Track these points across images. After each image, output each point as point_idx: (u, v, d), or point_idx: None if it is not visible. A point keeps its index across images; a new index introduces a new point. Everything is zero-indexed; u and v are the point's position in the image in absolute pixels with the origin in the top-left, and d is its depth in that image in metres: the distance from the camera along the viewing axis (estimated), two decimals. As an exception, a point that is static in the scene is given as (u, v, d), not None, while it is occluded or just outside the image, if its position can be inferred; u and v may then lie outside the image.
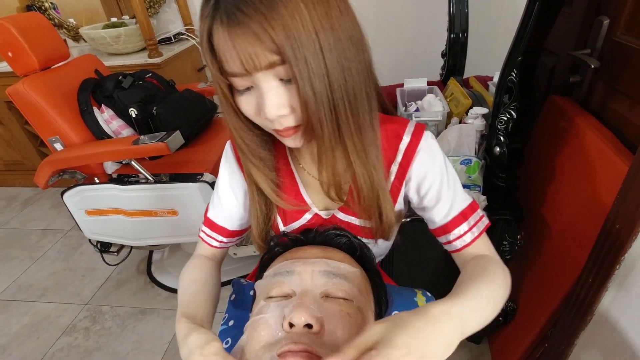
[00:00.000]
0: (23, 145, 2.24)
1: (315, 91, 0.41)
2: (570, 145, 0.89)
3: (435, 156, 0.55)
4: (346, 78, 0.42)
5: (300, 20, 0.38)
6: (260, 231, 0.60)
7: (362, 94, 0.45)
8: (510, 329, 1.11)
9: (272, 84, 0.42)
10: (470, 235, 0.55)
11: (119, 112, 1.37)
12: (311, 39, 0.39)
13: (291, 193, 0.60)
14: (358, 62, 0.44)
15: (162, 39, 2.06)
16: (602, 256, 0.66)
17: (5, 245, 1.98)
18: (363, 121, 0.46)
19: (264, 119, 0.45)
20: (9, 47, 1.21)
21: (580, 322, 0.73)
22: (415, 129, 0.55)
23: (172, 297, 1.58)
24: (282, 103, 0.43)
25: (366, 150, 0.48)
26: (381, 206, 0.54)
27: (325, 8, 0.40)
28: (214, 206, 0.65)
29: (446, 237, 0.56)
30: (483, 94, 1.22)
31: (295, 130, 0.46)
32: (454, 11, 1.29)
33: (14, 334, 1.49)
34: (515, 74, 0.86)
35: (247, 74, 0.41)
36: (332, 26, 0.40)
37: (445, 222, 0.55)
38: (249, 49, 0.39)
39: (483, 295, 0.45)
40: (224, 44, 0.40)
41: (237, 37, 0.39)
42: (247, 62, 0.40)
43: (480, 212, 0.56)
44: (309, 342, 0.38)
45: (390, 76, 1.50)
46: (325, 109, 0.42)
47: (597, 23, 0.84)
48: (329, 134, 0.44)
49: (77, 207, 1.39)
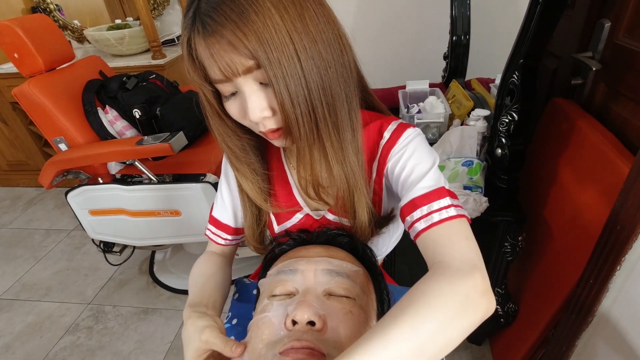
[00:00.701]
0: (27, 145, 2.26)
1: (291, 93, 0.42)
2: (572, 147, 0.89)
3: (411, 142, 0.53)
4: (323, 79, 0.43)
5: (272, 25, 0.39)
6: (253, 233, 0.61)
7: (340, 95, 0.46)
8: (512, 330, 1.11)
9: (253, 87, 0.43)
10: (423, 222, 0.45)
11: (123, 113, 1.39)
12: (284, 43, 0.40)
13: (283, 193, 0.60)
14: (336, 63, 0.44)
15: (165, 40, 2.07)
16: (603, 257, 0.66)
17: (10, 245, 2.00)
18: (341, 121, 0.47)
19: (249, 122, 0.46)
20: (15, 49, 1.22)
21: (581, 323, 0.73)
22: (398, 127, 0.54)
23: (174, 297, 1.59)
24: (263, 106, 0.44)
25: (344, 150, 0.49)
26: (355, 206, 0.54)
27: (298, 11, 0.40)
28: (218, 205, 0.66)
29: (406, 222, 0.48)
30: (485, 96, 1.22)
31: (280, 131, 0.47)
32: (456, 14, 1.30)
33: (18, 333, 1.50)
34: (517, 76, 0.86)
35: (228, 79, 0.43)
36: (306, 29, 0.41)
37: (405, 202, 0.49)
38: (225, 57, 0.40)
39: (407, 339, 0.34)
40: (203, 52, 0.42)
41: (213, 45, 0.40)
42: (225, 69, 0.41)
43: (450, 200, 0.46)
44: (312, 340, 0.39)
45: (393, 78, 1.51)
46: (302, 110, 0.43)
47: (599, 26, 0.85)
48: (306, 134, 0.45)
49: (80, 207, 1.40)
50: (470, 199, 0.92)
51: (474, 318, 0.37)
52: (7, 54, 1.24)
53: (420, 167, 0.50)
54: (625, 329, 0.64)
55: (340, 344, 0.40)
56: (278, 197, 0.61)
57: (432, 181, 0.49)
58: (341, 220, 0.59)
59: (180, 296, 1.58)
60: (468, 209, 0.93)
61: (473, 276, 0.39)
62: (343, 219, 0.59)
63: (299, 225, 0.62)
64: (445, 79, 1.45)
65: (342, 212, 0.57)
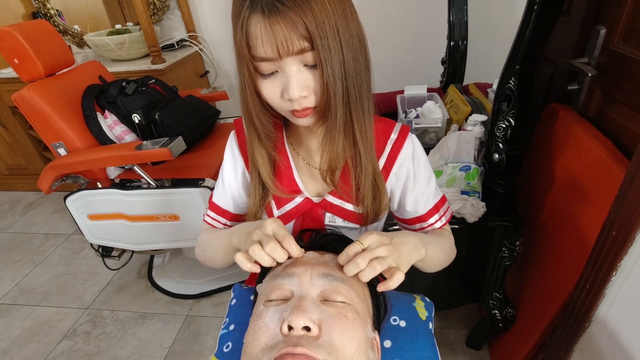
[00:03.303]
0: (27, 149, 2.26)
1: (335, 76, 0.48)
2: (569, 152, 0.89)
3: (418, 155, 0.64)
4: (355, 67, 0.50)
5: (326, 15, 0.45)
6: (255, 212, 0.66)
7: (365, 84, 0.52)
8: (510, 335, 1.11)
9: (298, 68, 0.48)
10: (440, 223, 0.67)
11: (122, 118, 1.39)
12: (333, 32, 0.46)
13: (285, 177, 0.64)
14: (362, 57, 0.51)
15: (165, 45, 2.08)
16: (599, 263, 0.66)
17: (8, 249, 2.00)
18: (366, 106, 0.54)
19: (286, 100, 0.50)
20: (15, 54, 1.23)
21: (578, 328, 0.73)
22: (402, 129, 0.64)
23: (172, 301, 1.58)
24: (305, 85, 0.49)
25: (367, 132, 0.56)
26: (378, 184, 0.61)
27: (343, 8, 0.47)
28: (218, 191, 0.70)
29: (420, 225, 0.67)
30: (482, 101, 1.23)
31: (312, 110, 0.52)
32: (453, 19, 1.31)
33: (15, 338, 1.50)
34: (514, 82, 0.87)
35: (279, 58, 0.47)
36: (347, 23, 0.48)
37: (423, 213, 0.66)
38: (285, 35, 0.45)
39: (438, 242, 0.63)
40: (263, 30, 0.45)
41: (276, 23, 0.45)
42: (282, 47, 0.46)
43: (447, 204, 0.69)
44: (307, 345, 0.39)
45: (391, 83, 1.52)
46: (339, 92, 0.49)
47: (594, 32, 0.86)
48: (342, 114, 0.51)
49: (79, 212, 1.40)
50: (468, 204, 0.93)
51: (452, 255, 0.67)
52: (7, 59, 1.24)
53: (432, 178, 0.66)
54: (621, 334, 0.65)
55: (336, 348, 0.40)
56: (282, 180, 0.64)
57: (438, 189, 0.67)
58: (343, 204, 0.64)
59: (178, 301, 1.58)
60: (465, 214, 0.93)
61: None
62: (343, 202, 0.64)
63: (297, 208, 0.65)
64: (443, 84, 1.46)
65: (356, 195, 0.62)
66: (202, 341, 1.40)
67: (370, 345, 0.46)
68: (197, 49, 2.16)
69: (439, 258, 0.62)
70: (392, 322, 0.60)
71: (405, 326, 0.60)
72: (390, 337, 0.57)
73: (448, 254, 0.65)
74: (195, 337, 1.42)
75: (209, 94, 1.68)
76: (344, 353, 0.41)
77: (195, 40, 2.16)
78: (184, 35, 2.16)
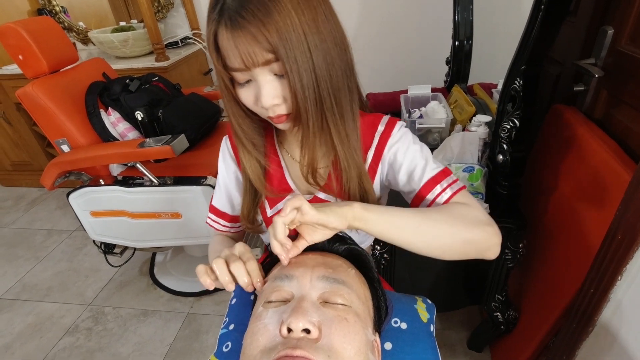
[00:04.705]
0: (31, 146, 2.27)
1: (303, 84, 0.48)
2: (574, 154, 0.88)
3: (405, 135, 0.61)
4: (330, 73, 0.49)
5: (291, 24, 0.44)
6: (248, 213, 0.67)
7: (344, 88, 0.52)
8: (512, 338, 1.11)
9: (267, 77, 0.49)
10: (445, 195, 0.57)
11: (125, 115, 1.39)
12: (300, 40, 0.45)
13: (276, 176, 0.65)
14: (340, 60, 0.51)
15: (169, 43, 2.08)
16: (604, 267, 0.66)
17: (12, 245, 2.01)
18: (346, 110, 0.53)
19: (260, 108, 0.52)
20: (19, 50, 1.23)
21: (581, 332, 0.73)
22: (389, 121, 0.62)
23: (174, 299, 1.59)
24: (275, 94, 0.50)
25: (348, 135, 0.55)
26: (364, 186, 0.60)
27: (312, 14, 0.46)
28: (216, 195, 0.72)
29: (424, 204, 0.59)
30: (487, 102, 1.22)
31: (287, 117, 0.53)
32: (458, 19, 1.30)
33: (18, 333, 1.51)
34: (519, 83, 0.86)
35: (247, 69, 0.48)
36: (318, 29, 0.47)
37: (419, 188, 0.58)
38: (248, 48, 0.46)
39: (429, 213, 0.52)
40: (228, 43, 0.46)
41: (239, 37, 0.45)
42: (247, 59, 0.46)
43: (453, 177, 0.59)
44: (306, 348, 0.38)
45: (395, 82, 1.51)
46: (311, 100, 0.49)
47: (602, 33, 0.85)
48: (314, 121, 0.51)
49: (82, 208, 1.41)
50: (471, 205, 0.92)
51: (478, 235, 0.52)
52: (11, 55, 1.25)
53: (424, 152, 0.60)
54: (625, 339, 0.64)
55: (335, 351, 0.40)
56: (272, 181, 0.65)
57: (437, 162, 0.60)
58: (330, 199, 0.64)
59: (180, 298, 1.58)
60: (468, 215, 0.92)
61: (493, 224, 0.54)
62: (333, 198, 0.64)
63: None
64: (447, 84, 1.45)
65: (341, 194, 0.62)
66: (203, 339, 1.40)
67: (371, 348, 0.45)
68: (200, 46, 2.16)
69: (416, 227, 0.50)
70: (393, 324, 0.59)
71: (407, 328, 0.59)
72: (391, 340, 0.57)
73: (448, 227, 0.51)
74: (196, 335, 1.42)
75: (212, 92, 1.68)
76: (344, 356, 0.40)
77: (199, 38, 2.16)
78: (188, 32, 2.16)
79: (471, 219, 0.52)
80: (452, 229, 0.51)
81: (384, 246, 1.02)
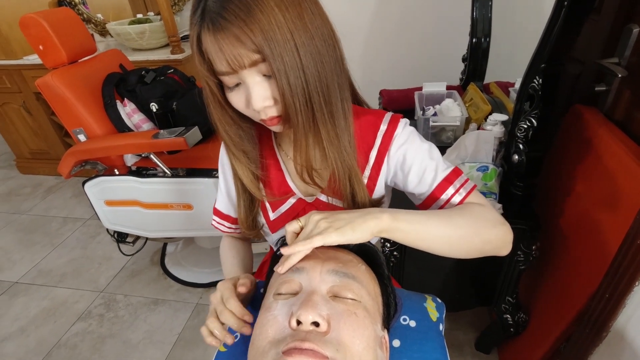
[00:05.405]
0: (49, 135, 2.33)
1: (291, 84, 0.46)
2: (593, 155, 0.86)
3: (411, 135, 0.59)
4: (319, 71, 0.47)
5: (275, 23, 0.43)
6: (245, 219, 0.66)
7: (334, 85, 0.50)
8: (521, 341, 1.09)
9: (256, 79, 0.47)
10: (459, 196, 0.57)
11: (140, 106, 1.41)
12: (286, 39, 0.44)
13: (276, 180, 0.64)
14: (330, 57, 0.49)
15: (184, 35, 2.10)
16: (621, 271, 0.64)
17: (29, 231, 2.06)
18: (336, 109, 0.51)
19: (252, 111, 0.50)
20: (40, 41, 1.26)
21: (594, 338, 0.71)
22: (392, 118, 0.60)
23: (183, 289, 1.61)
24: (266, 95, 0.48)
25: (339, 136, 0.53)
26: (354, 188, 0.58)
27: (298, 10, 0.45)
28: (219, 198, 0.72)
29: (437, 204, 0.58)
30: (503, 101, 1.20)
31: (278, 119, 0.51)
32: (477, 15, 1.27)
33: (33, 317, 1.55)
34: (538, 81, 0.84)
35: (234, 72, 0.46)
36: (304, 26, 0.45)
37: (432, 190, 0.58)
38: (233, 51, 0.44)
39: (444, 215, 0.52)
40: (212, 47, 0.45)
41: (222, 40, 0.44)
42: (233, 62, 0.45)
43: (464, 176, 0.59)
44: (315, 341, 0.39)
45: (409, 79, 1.49)
46: (300, 99, 0.47)
47: (627, 31, 0.82)
48: (304, 121, 0.50)
49: (96, 197, 1.43)
50: (484, 205, 0.91)
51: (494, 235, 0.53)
52: (32, 45, 1.27)
53: (433, 152, 0.59)
54: (641, 346, 0.62)
55: (344, 345, 0.40)
56: (272, 185, 0.64)
57: (446, 162, 0.59)
58: (333, 201, 0.62)
59: (189, 289, 1.61)
60: (481, 215, 0.91)
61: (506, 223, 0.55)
62: (336, 200, 0.62)
63: (292, 209, 0.65)
64: (463, 82, 1.42)
65: (336, 193, 0.61)
66: (211, 330, 1.42)
67: (379, 343, 0.45)
68: (215, 40, 2.17)
69: (443, 232, 0.50)
70: (402, 322, 0.59)
71: (415, 326, 0.59)
72: (400, 337, 0.57)
73: (469, 229, 0.52)
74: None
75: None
76: (352, 350, 0.40)
77: (214, 31, 2.17)
78: (204, 26, 2.17)
79: (489, 220, 0.54)
80: (475, 231, 0.52)
81: (394, 244, 1.01)
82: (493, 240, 0.53)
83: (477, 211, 0.54)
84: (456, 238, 0.51)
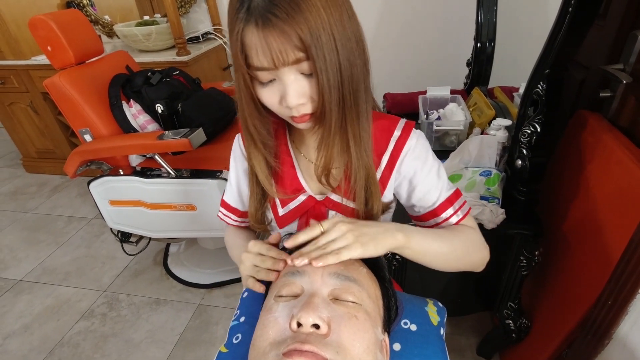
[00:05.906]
0: (55, 134, 2.35)
1: (330, 84, 0.47)
2: (597, 162, 0.86)
3: (424, 150, 0.62)
4: (352, 72, 0.49)
5: (321, 23, 0.44)
6: (255, 212, 0.67)
7: (362, 87, 0.52)
8: (523, 346, 1.08)
9: (293, 77, 0.48)
10: (456, 217, 0.63)
11: (146, 107, 1.42)
12: (329, 39, 0.45)
13: (288, 176, 0.65)
14: (360, 59, 0.50)
15: (190, 37, 2.12)
16: (624, 278, 0.64)
17: (34, 229, 2.08)
18: (362, 110, 0.53)
19: (284, 107, 0.51)
20: (48, 42, 1.28)
21: (597, 345, 0.71)
22: (406, 125, 0.62)
23: (186, 289, 1.62)
24: (302, 93, 0.49)
25: (362, 136, 0.55)
26: (370, 188, 0.60)
27: (339, 12, 0.46)
28: (228, 191, 0.74)
29: (435, 220, 0.63)
30: (507, 105, 1.20)
31: (310, 117, 0.53)
32: (481, 20, 1.27)
33: (37, 315, 1.56)
34: (542, 87, 0.84)
35: (275, 68, 0.47)
36: (343, 27, 0.47)
37: (435, 207, 0.62)
38: (279, 47, 0.45)
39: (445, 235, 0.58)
40: (258, 42, 0.46)
41: (271, 36, 0.45)
42: (277, 58, 0.46)
43: (462, 198, 0.64)
44: (315, 343, 0.39)
45: (413, 83, 1.49)
46: (335, 99, 0.49)
47: (632, 37, 0.82)
48: (336, 120, 0.51)
49: (101, 197, 1.44)
50: (487, 209, 0.90)
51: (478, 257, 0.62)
52: (41, 46, 1.29)
53: (441, 170, 0.63)
54: (644, 354, 0.62)
55: (344, 348, 0.40)
56: (284, 182, 0.65)
57: (449, 182, 0.63)
58: (345, 201, 0.63)
59: (191, 289, 1.61)
60: (484, 220, 0.91)
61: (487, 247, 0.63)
62: (348, 200, 0.63)
63: (301, 206, 0.66)
64: (467, 86, 1.43)
65: (347, 193, 0.62)
66: (213, 330, 1.43)
67: (379, 347, 0.45)
68: (221, 42, 2.18)
69: (443, 252, 0.57)
70: (403, 325, 0.59)
71: (416, 330, 0.59)
72: (400, 341, 0.57)
73: (462, 250, 0.59)
74: (206, 326, 1.45)
75: (231, 87, 1.70)
76: (352, 353, 0.40)
77: (219, 33, 2.19)
78: (209, 28, 2.18)
79: (478, 244, 0.62)
80: (466, 252, 0.60)
81: (396, 247, 1.01)
82: (476, 261, 0.62)
83: (471, 235, 0.62)
84: (452, 257, 0.58)
